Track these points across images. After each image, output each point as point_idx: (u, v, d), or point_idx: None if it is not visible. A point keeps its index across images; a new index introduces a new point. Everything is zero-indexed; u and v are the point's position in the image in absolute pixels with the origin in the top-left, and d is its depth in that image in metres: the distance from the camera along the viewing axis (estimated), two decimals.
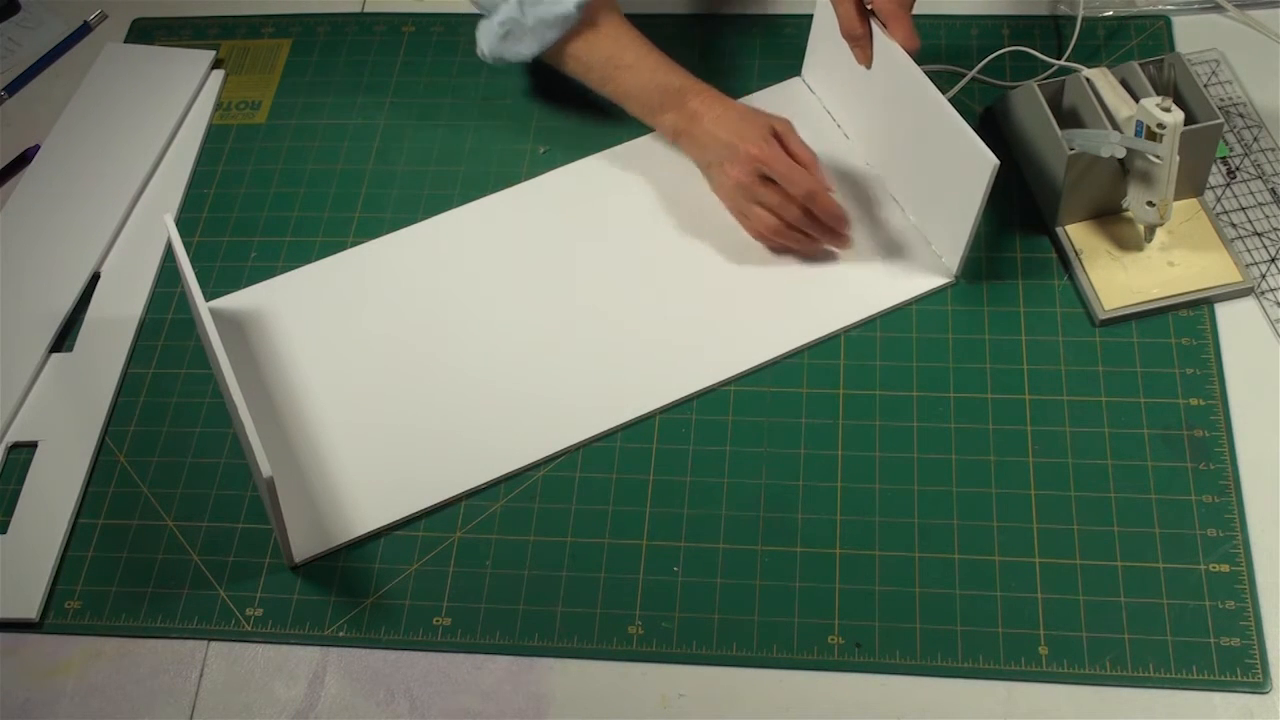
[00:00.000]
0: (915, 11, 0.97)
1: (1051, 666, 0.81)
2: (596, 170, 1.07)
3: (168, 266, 1.06)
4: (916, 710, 0.81)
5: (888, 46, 0.95)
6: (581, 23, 0.99)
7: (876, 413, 0.92)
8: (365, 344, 0.99)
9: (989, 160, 0.88)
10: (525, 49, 1.01)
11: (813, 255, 0.98)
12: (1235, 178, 1.00)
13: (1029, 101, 0.97)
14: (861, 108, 1.03)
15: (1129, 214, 0.96)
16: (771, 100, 1.09)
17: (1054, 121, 0.94)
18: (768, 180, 0.96)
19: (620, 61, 1.00)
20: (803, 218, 0.96)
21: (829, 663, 0.82)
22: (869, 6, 0.96)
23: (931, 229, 0.98)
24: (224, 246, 1.06)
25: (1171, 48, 1.08)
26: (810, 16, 1.06)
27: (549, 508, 0.90)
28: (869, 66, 0.98)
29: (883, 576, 0.85)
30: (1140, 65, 0.95)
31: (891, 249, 0.99)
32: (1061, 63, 1.06)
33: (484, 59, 1.04)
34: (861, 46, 0.98)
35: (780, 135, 0.97)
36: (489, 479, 0.91)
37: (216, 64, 1.19)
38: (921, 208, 0.99)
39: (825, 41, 1.04)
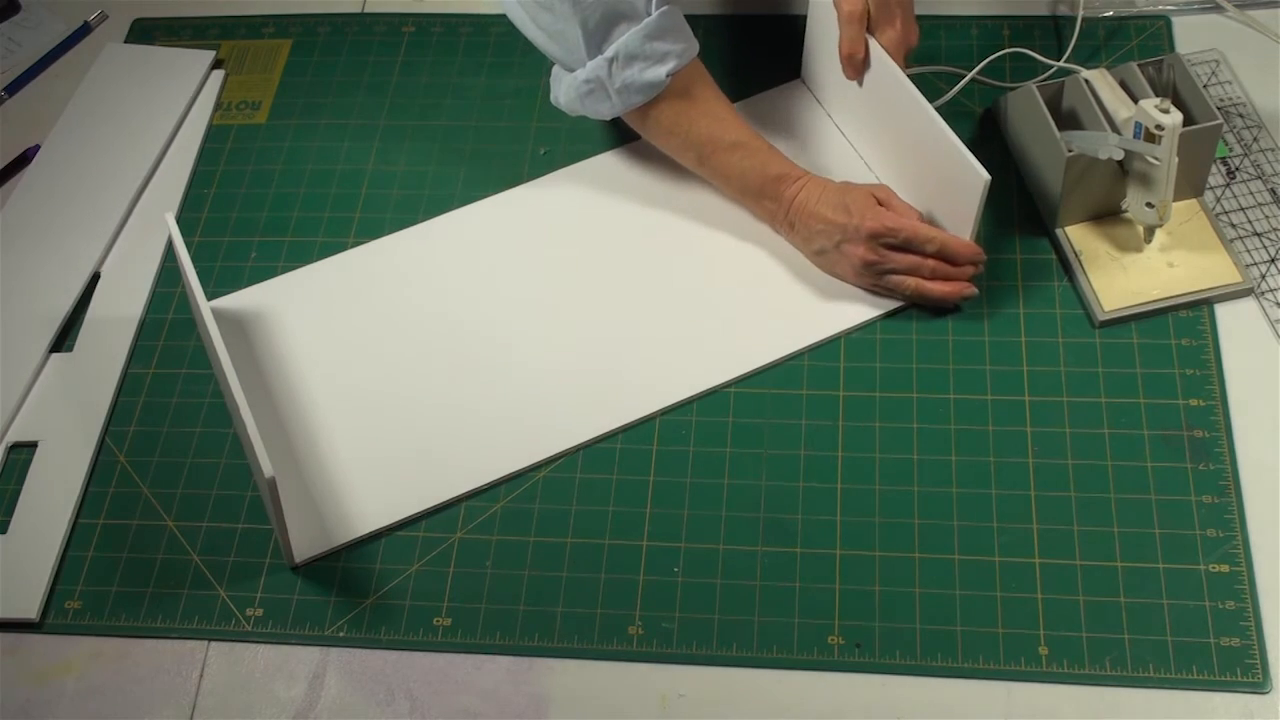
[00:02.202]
0: (916, 12, 0.97)
1: (1051, 667, 0.81)
2: (597, 171, 1.07)
3: (168, 266, 1.06)
4: (916, 710, 0.81)
5: (881, 58, 0.95)
6: (670, 90, 0.96)
7: (876, 414, 0.92)
8: (366, 345, 0.99)
9: (981, 176, 0.88)
10: (607, 110, 0.98)
11: (960, 299, 0.94)
12: (1235, 178, 1.00)
13: (1028, 103, 0.97)
14: (858, 113, 1.03)
15: (1128, 215, 0.96)
16: (773, 102, 1.09)
17: (1053, 123, 0.94)
18: (891, 248, 0.94)
19: (721, 142, 0.97)
20: (939, 268, 0.94)
21: (829, 663, 0.82)
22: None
23: None
24: (224, 246, 1.06)
25: (1171, 48, 1.08)
26: None
27: (549, 508, 0.90)
28: (860, 85, 0.99)
29: (883, 577, 0.85)
30: (1139, 66, 0.95)
31: None
32: (1061, 64, 1.06)
33: (556, 106, 1.02)
34: (856, 69, 0.97)
35: (883, 201, 0.95)
36: (490, 480, 0.91)
37: (216, 64, 1.19)
38: (921, 210, 0.99)
39: (820, 47, 1.05)
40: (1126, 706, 0.79)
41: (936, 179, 0.95)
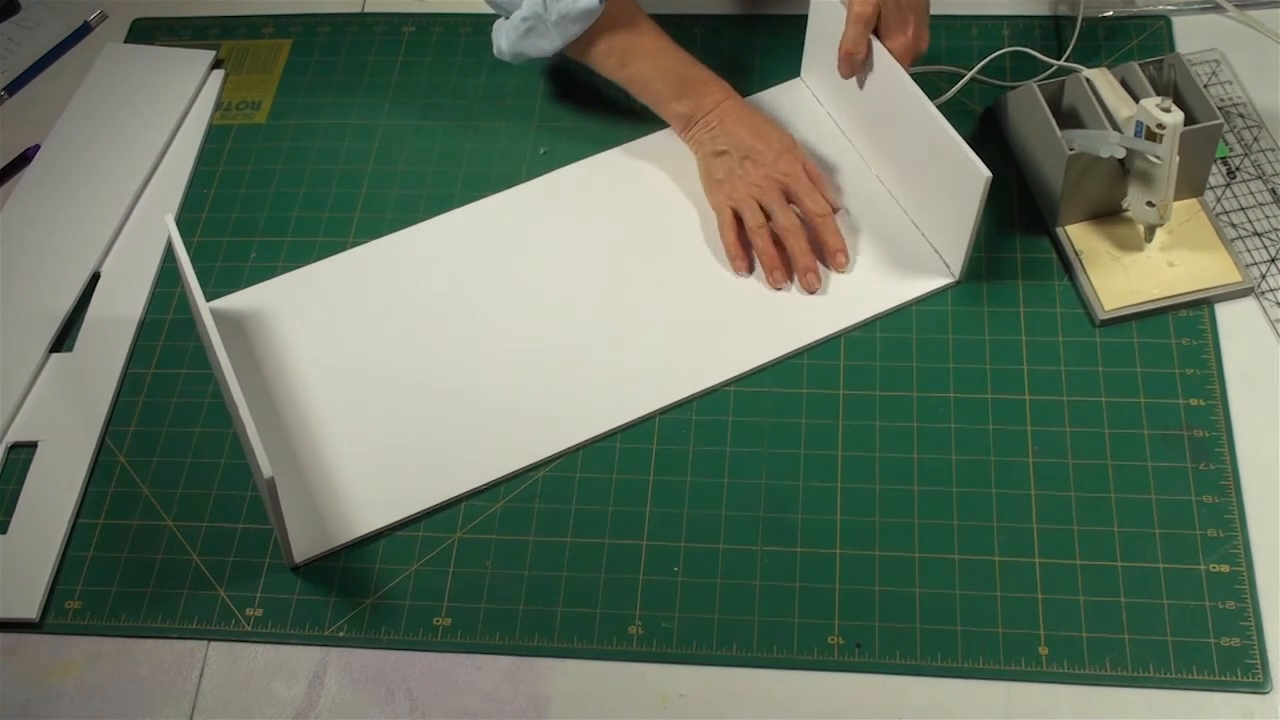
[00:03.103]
0: None
1: (1052, 667, 0.81)
2: (597, 171, 1.07)
3: (168, 266, 1.06)
4: (916, 710, 0.81)
5: (882, 55, 0.95)
6: (605, 18, 0.99)
7: (876, 413, 0.92)
8: (366, 345, 0.99)
9: (981, 173, 0.88)
10: (548, 44, 1.00)
11: (774, 283, 0.96)
12: (1235, 178, 1.00)
13: (1029, 102, 0.97)
14: (859, 111, 1.03)
15: (1129, 214, 0.96)
16: (773, 101, 1.09)
17: (1054, 122, 0.94)
18: (783, 193, 0.98)
19: (642, 48, 1.01)
20: (801, 236, 0.96)
21: (829, 663, 0.82)
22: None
23: (932, 230, 0.98)
24: (224, 247, 1.06)
25: (1171, 48, 1.08)
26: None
27: (549, 508, 0.90)
28: (860, 86, 0.99)
29: (883, 577, 0.85)
30: (1140, 65, 0.95)
31: (893, 249, 0.99)
32: (1061, 63, 1.06)
33: (502, 57, 1.04)
34: (854, 69, 0.97)
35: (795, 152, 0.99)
36: (489, 480, 0.91)
37: (216, 64, 1.19)
38: (921, 210, 0.99)
39: (820, 45, 1.04)
40: (1126, 706, 0.79)
41: (937, 177, 0.94)
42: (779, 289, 0.97)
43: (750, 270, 0.98)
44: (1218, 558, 0.84)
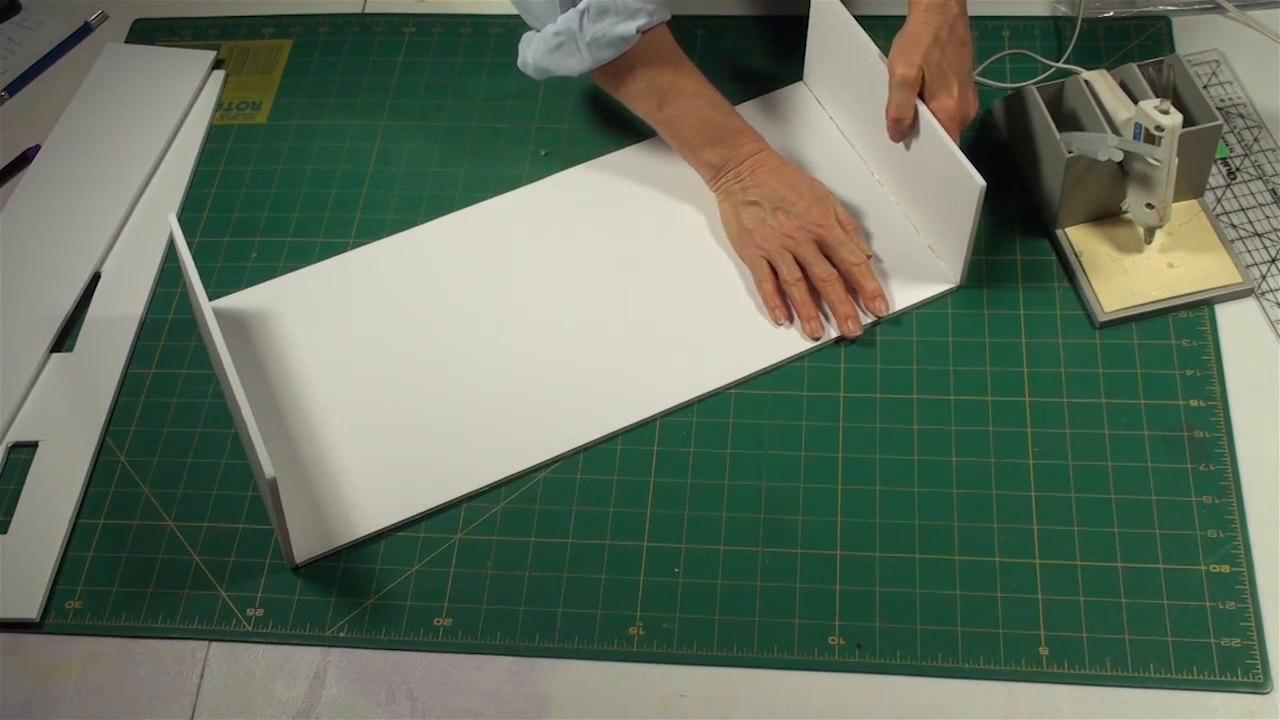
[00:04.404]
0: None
1: (1052, 667, 0.81)
2: (598, 173, 1.07)
3: (168, 266, 1.06)
4: (917, 711, 0.81)
5: (879, 68, 0.95)
6: (639, 48, 0.96)
7: (877, 415, 0.92)
8: (367, 346, 0.99)
9: (976, 183, 0.88)
10: (576, 64, 0.97)
11: (811, 333, 0.95)
12: (1235, 179, 1.00)
13: (1028, 104, 0.97)
14: (860, 117, 1.03)
15: (1128, 216, 0.97)
16: (775, 105, 1.09)
17: (1052, 124, 0.94)
18: (816, 243, 0.96)
19: (682, 90, 0.99)
20: (839, 284, 0.95)
21: (830, 663, 0.82)
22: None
23: (933, 236, 0.98)
24: (224, 247, 1.06)
25: (1172, 48, 1.08)
26: None
27: (550, 509, 0.90)
28: (907, 147, 0.97)
29: (883, 578, 0.85)
30: (1139, 67, 0.95)
31: (894, 254, 0.99)
32: (1060, 64, 1.06)
33: (525, 69, 1.01)
34: (902, 134, 0.95)
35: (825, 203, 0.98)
36: (491, 481, 0.91)
37: (217, 64, 1.19)
38: (922, 215, 0.99)
39: (821, 48, 1.05)
40: (1127, 707, 0.79)
41: (935, 185, 0.95)
42: (816, 339, 0.95)
43: (790, 320, 0.96)
44: (1218, 558, 0.84)
